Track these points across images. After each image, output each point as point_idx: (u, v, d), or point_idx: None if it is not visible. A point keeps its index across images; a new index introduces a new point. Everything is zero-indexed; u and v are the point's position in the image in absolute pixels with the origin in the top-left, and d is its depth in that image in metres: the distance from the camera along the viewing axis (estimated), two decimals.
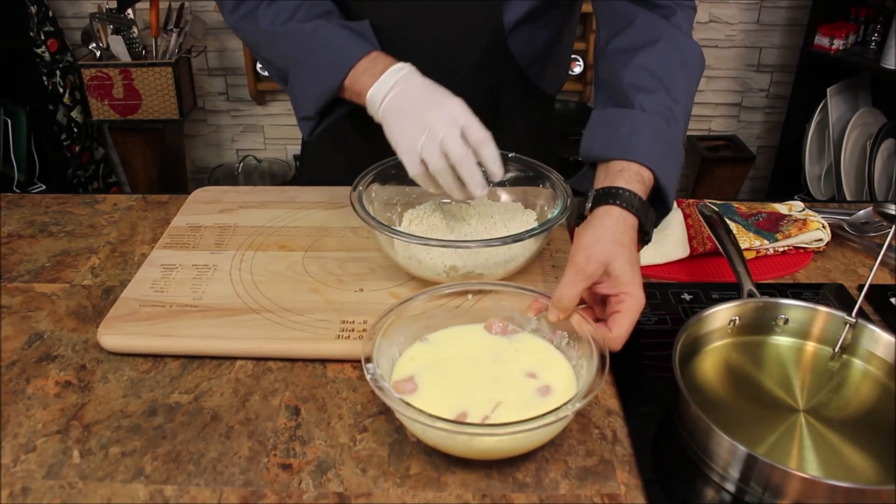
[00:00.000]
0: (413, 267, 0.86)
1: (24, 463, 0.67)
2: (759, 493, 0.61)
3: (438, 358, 0.75)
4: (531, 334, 0.78)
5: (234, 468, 0.66)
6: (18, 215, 1.11)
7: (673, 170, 0.82)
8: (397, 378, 0.71)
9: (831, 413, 0.68)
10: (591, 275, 0.73)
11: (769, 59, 2.91)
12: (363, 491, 0.64)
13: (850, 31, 2.55)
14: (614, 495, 0.63)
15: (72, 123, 2.78)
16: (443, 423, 0.62)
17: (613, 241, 0.74)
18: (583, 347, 0.72)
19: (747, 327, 0.78)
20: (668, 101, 0.84)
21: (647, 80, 0.85)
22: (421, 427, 0.64)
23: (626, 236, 0.75)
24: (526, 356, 0.75)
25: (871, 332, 0.74)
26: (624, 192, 0.77)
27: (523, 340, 0.77)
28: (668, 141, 0.82)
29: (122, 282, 0.93)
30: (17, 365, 0.79)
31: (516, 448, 0.66)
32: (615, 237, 0.74)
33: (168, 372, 0.78)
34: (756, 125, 3.06)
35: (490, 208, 0.98)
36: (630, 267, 0.73)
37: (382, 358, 0.70)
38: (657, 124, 0.82)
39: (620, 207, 0.76)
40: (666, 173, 0.80)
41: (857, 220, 1.04)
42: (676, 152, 0.83)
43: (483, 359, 0.75)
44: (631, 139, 0.81)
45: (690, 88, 0.91)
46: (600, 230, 0.75)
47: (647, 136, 0.81)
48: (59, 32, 2.71)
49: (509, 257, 0.84)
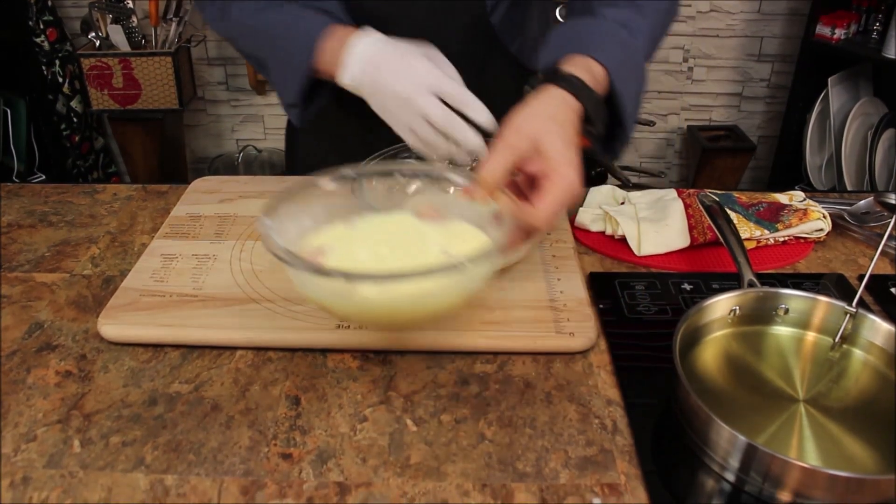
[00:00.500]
0: None
1: (25, 452, 0.67)
2: (758, 483, 0.61)
3: (355, 236, 0.72)
4: (462, 220, 0.73)
5: (235, 458, 0.66)
6: (18, 205, 1.11)
7: (631, 78, 0.78)
8: (306, 248, 0.67)
9: (831, 403, 0.68)
10: (517, 148, 0.68)
11: (770, 49, 2.90)
12: (363, 480, 0.64)
13: (852, 21, 2.54)
14: (614, 485, 0.64)
15: (71, 113, 2.77)
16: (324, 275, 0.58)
17: (547, 117, 0.69)
18: (505, 227, 0.67)
19: (748, 317, 0.78)
20: (633, 16, 0.81)
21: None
22: (308, 281, 0.60)
23: (563, 115, 0.70)
24: (449, 238, 0.71)
25: (871, 322, 0.74)
26: (568, 76, 0.72)
27: (452, 226, 0.74)
28: (628, 47, 0.79)
29: (122, 271, 0.93)
30: (18, 355, 0.79)
31: (412, 310, 0.61)
32: (550, 113, 0.70)
33: (168, 362, 0.78)
34: (757, 115, 3.05)
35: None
36: (562, 145, 0.68)
37: (290, 222, 0.67)
38: (617, 30, 0.79)
39: (561, 88, 0.72)
40: (622, 78, 0.76)
41: (857, 210, 1.04)
42: (637, 65, 0.80)
43: (402, 239, 0.71)
44: (585, 36, 0.78)
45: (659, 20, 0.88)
46: (536, 106, 0.71)
47: (604, 36, 0.78)
48: (58, 22, 2.70)
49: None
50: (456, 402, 0.72)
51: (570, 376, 0.76)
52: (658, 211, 1.00)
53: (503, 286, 0.86)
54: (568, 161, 0.67)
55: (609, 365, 0.78)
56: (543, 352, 0.78)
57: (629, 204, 1.04)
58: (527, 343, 0.78)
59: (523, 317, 0.81)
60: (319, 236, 0.71)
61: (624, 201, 1.07)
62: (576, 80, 0.73)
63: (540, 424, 0.70)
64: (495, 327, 0.80)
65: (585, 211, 1.02)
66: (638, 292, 0.88)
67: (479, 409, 0.72)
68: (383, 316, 0.63)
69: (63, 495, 0.63)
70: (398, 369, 0.77)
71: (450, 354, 0.79)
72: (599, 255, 0.97)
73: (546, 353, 0.78)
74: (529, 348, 0.78)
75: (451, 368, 0.77)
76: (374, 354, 0.79)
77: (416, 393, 0.74)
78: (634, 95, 0.80)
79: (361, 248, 0.71)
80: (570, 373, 0.76)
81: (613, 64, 0.76)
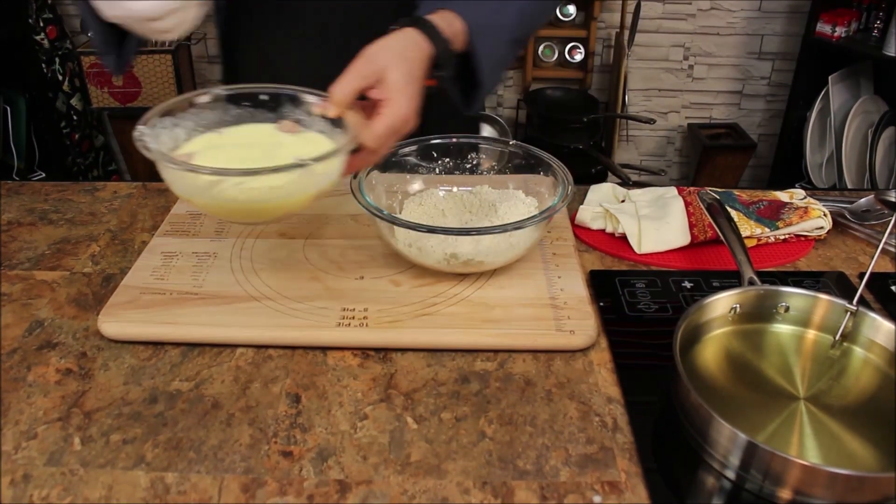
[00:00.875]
0: (413, 255, 0.86)
1: (26, 450, 0.67)
2: (759, 481, 0.61)
3: (222, 144, 0.82)
4: (316, 132, 0.84)
5: (235, 455, 0.66)
6: (18, 203, 1.10)
7: (490, 43, 0.85)
8: (179, 154, 0.78)
9: (832, 401, 0.68)
10: (366, 76, 0.75)
11: (771, 47, 2.90)
12: (364, 478, 0.64)
13: (853, 19, 2.54)
14: (615, 483, 0.64)
15: (71, 111, 2.77)
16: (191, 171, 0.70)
17: (397, 53, 0.76)
18: None
19: (748, 315, 0.78)
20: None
21: None
22: (178, 177, 0.73)
23: (413, 54, 0.77)
24: (304, 146, 0.82)
25: (871, 320, 0.74)
26: (425, 21, 0.80)
27: (307, 137, 0.84)
28: (495, 14, 0.86)
29: (122, 269, 0.93)
30: (18, 352, 0.79)
31: (266, 203, 0.75)
32: (400, 51, 0.77)
33: (168, 359, 0.78)
34: (757, 113, 3.05)
35: (491, 196, 0.98)
36: (404, 79, 0.75)
37: (164, 134, 0.79)
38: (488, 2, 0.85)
39: (416, 30, 0.79)
40: (480, 39, 0.84)
41: (858, 208, 1.04)
42: (499, 31, 0.87)
43: (263, 147, 0.83)
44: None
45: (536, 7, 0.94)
46: (389, 41, 0.78)
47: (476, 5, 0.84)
48: (58, 19, 2.70)
49: (510, 245, 0.84)
50: (456, 400, 0.72)
51: (570, 374, 0.76)
52: (658, 209, 1.00)
53: (503, 284, 0.86)
54: (406, 94, 0.75)
55: (609, 363, 0.78)
56: (544, 349, 0.78)
57: (630, 202, 1.04)
58: (527, 341, 0.78)
59: (524, 314, 0.81)
60: (191, 144, 0.82)
61: (624, 199, 1.07)
62: (432, 26, 0.80)
63: (540, 422, 0.70)
64: (496, 325, 0.80)
65: (586, 209, 1.02)
66: (638, 290, 0.88)
67: (479, 407, 0.72)
68: (241, 209, 0.75)
69: (63, 493, 0.63)
70: (398, 367, 0.77)
71: (450, 352, 0.79)
72: (600, 253, 0.97)
73: (546, 350, 0.78)
74: (530, 346, 0.78)
75: (452, 366, 0.77)
76: (375, 352, 0.79)
77: (417, 391, 0.74)
78: (493, 58, 0.86)
79: (225, 153, 0.82)
80: (571, 370, 0.76)
81: (474, 24, 0.84)
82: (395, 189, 0.98)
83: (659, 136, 3.11)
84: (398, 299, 0.84)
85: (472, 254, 0.84)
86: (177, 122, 0.81)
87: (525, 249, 0.87)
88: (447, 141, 1.00)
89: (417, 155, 1.00)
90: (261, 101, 0.86)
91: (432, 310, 0.82)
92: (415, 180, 1.00)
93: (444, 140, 1.00)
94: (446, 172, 1.02)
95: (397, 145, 0.89)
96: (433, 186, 1.00)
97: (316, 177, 0.76)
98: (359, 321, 0.80)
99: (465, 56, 0.85)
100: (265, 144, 0.84)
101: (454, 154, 1.02)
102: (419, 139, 0.98)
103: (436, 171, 1.01)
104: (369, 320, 0.80)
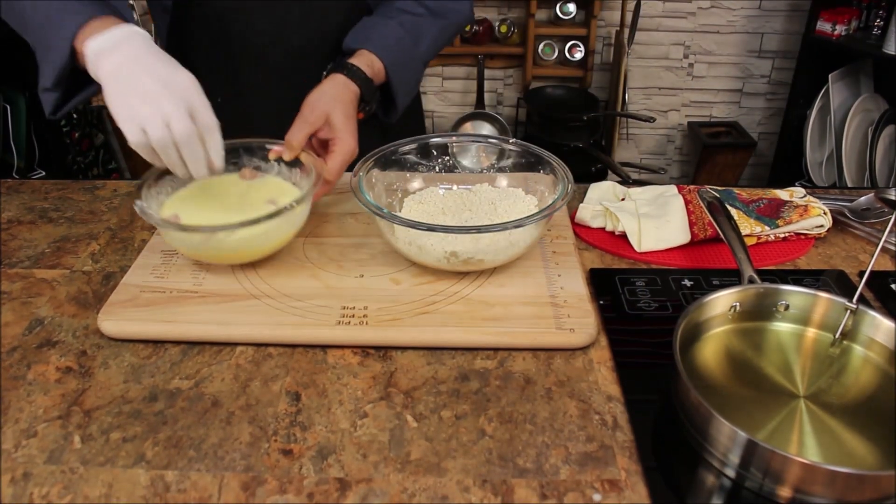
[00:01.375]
0: (413, 253, 0.86)
1: (26, 448, 0.67)
2: (759, 479, 0.61)
3: (197, 197, 0.93)
4: (275, 176, 0.97)
5: (235, 453, 0.66)
6: (18, 201, 1.10)
7: (404, 72, 1.04)
8: (164, 215, 0.88)
9: (831, 399, 0.68)
10: (313, 122, 0.91)
11: (771, 45, 2.90)
12: (364, 476, 0.64)
13: (853, 17, 2.54)
14: (615, 481, 0.64)
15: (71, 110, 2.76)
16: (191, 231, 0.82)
17: (334, 98, 0.93)
18: (310, 179, 0.90)
19: (748, 313, 0.78)
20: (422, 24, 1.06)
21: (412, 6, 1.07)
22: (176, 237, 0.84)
23: (346, 96, 0.94)
24: (269, 191, 0.94)
25: (871, 319, 0.74)
26: (351, 66, 0.97)
27: (268, 181, 0.97)
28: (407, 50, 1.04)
29: (122, 268, 0.93)
30: (18, 351, 0.79)
31: (259, 245, 0.86)
32: (335, 95, 0.93)
33: (168, 358, 0.78)
34: (757, 111, 3.05)
35: (491, 194, 0.97)
36: (345, 119, 0.92)
37: (152, 200, 0.89)
38: (403, 35, 1.04)
39: (345, 76, 0.96)
40: (396, 72, 1.02)
41: (858, 207, 1.04)
42: (412, 62, 1.06)
43: (234, 195, 0.94)
44: (375, 37, 1.02)
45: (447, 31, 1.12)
46: (324, 88, 0.94)
47: (390, 39, 1.02)
48: None
49: (510, 243, 0.84)
50: (456, 398, 0.72)
51: (570, 372, 0.76)
52: (658, 207, 1.00)
53: (503, 282, 0.86)
54: (348, 131, 0.92)
55: (609, 361, 0.78)
56: (544, 348, 0.78)
57: (629, 200, 1.04)
58: (527, 339, 0.78)
59: (524, 313, 0.81)
60: (171, 204, 0.92)
61: (624, 197, 1.07)
62: (358, 70, 0.97)
63: (540, 420, 0.70)
64: (495, 323, 0.80)
65: (586, 207, 1.02)
66: (638, 288, 0.88)
67: (479, 405, 0.72)
68: (235, 254, 0.86)
69: (64, 491, 0.63)
70: (398, 365, 0.77)
71: (450, 350, 0.79)
72: (600, 252, 0.97)
73: (546, 349, 0.78)
74: (530, 344, 0.78)
75: (452, 364, 0.77)
76: (375, 350, 0.79)
77: (417, 389, 0.74)
78: (406, 84, 1.05)
79: (203, 207, 0.92)
80: (571, 369, 0.76)
81: (391, 63, 1.02)
82: (394, 187, 0.98)
83: (659, 134, 3.11)
84: (398, 297, 0.84)
85: (472, 252, 0.84)
86: (156, 188, 0.91)
87: (525, 248, 0.87)
88: (445, 140, 1.01)
89: (418, 153, 1.00)
90: None
91: (432, 308, 0.82)
92: (414, 178, 1.00)
93: (443, 138, 1.01)
94: (446, 171, 1.02)
95: (396, 143, 0.94)
96: (433, 184, 1.00)
97: (295, 216, 0.87)
98: (359, 319, 0.80)
99: (384, 85, 1.04)
100: (236, 193, 0.94)
101: (458, 154, 1.02)
102: (418, 137, 0.99)
103: (436, 169, 1.01)
104: (369, 318, 0.80)
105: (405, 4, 1.07)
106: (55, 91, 0.87)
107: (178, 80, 0.78)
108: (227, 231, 0.81)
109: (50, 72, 0.84)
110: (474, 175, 1.02)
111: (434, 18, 1.08)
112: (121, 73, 0.78)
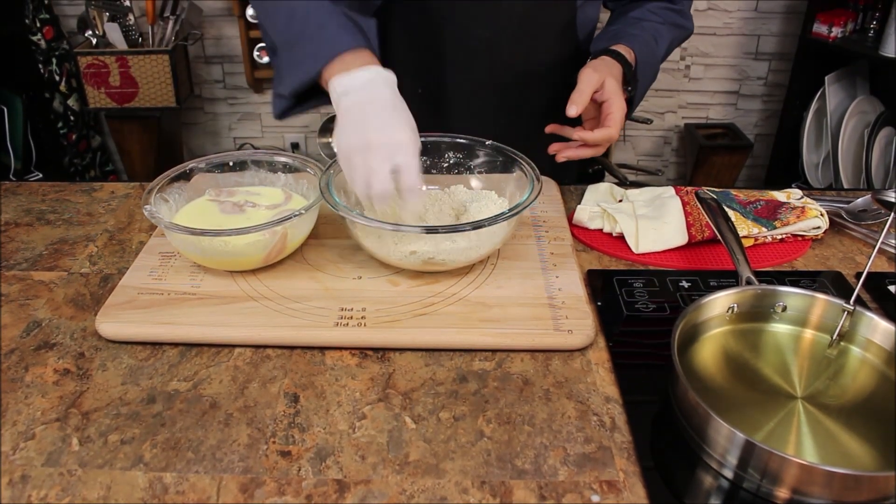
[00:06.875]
0: (375, 251, 0.86)
1: (24, 450, 0.67)
2: (756, 480, 0.62)
3: (196, 211, 0.95)
4: (279, 188, 1.00)
5: (234, 455, 0.66)
6: (15, 203, 1.10)
7: (647, 73, 1.11)
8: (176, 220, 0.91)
9: (829, 400, 0.69)
10: (594, 84, 0.99)
11: (767, 47, 2.90)
12: (362, 478, 0.64)
13: (849, 19, 2.54)
14: (613, 482, 0.64)
15: (68, 111, 2.76)
16: (198, 235, 0.84)
17: (606, 70, 1.02)
18: (315, 189, 0.92)
19: (745, 315, 0.78)
20: (662, 28, 1.14)
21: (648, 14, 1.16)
22: (183, 241, 0.85)
23: (615, 71, 1.03)
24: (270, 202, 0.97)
25: (868, 320, 0.74)
26: (615, 51, 1.07)
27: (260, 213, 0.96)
28: (652, 51, 1.11)
29: (119, 269, 0.93)
30: (16, 353, 0.79)
31: (255, 253, 0.87)
32: (606, 69, 1.02)
33: (166, 359, 0.78)
34: (754, 113, 3.05)
35: (463, 195, 0.97)
36: (616, 86, 1.01)
37: (162, 207, 0.91)
38: (649, 38, 1.12)
39: (611, 57, 1.05)
40: (642, 70, 1.09)
41: (855, 208, 1.04)
42: (654, 64, 1.13)
43: None
44: (626, 37, 1.10)
45: (678, 35, 1.19)
46: (599, 63, 1.03)
47: (640, 38, 1.10)
48: (54, 19, 2.69)
49: (470, 245, 0.84)
50: (454, 400, 0.73)
51: (568, 373, 0.76)
52: (656, 208, 1.01)
53: (501, 283, 0.86)
54: (619, 95, 1.00)
55: (607, 362, 0.78)
56: (542, 349, 0.79)
57: (627, 201, 1.05)
58: (525, 340, 0.78)
59: (522, 314, 0.81)
60: (179, 215, 0.94)
61: (622, 199, 1.07)
62: (619, 54, 1.06)
63: (538, 422, 0.70)
64: (494, 324, 0.80)
65: (583, 208, 1.02)
66: (636, 289, 0.88)
67: (477, 407, 0.72)
68: (234, 259, 0.87)
69: (62, 493, 0.63)
70: (397, 367, 0.77)
71: (448, 352, 0.79)
72: (598, 253, 0.98)
73: (544, 350, 0.79)
74: (528, 345, 0.78)
75: (450, 366, 0.77)
76: (373, 352, 0.79)
77: (415, 390, 0.74)
78: (646, 81, 1.12)
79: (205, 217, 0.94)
80: (569, 370, 0.76)
81: (641, 58, 1.08)
82: None
83: (656, 136, 3.11)
84: (396, 299, 0.84)
85: (433, 252, 0.84)
86: (163, 196, 0.93)
87: (488, 251, 0.86)
88: (423, 139, 1.00)
89: None
90: (230, 167, 1.00)
91: (430, 309, 0.82)
92: None
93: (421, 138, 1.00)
94: (423, 171, 1.01)
95: None
96: None
97: (304, 223, 0.90)
98: (357, 321, 0.80)
99: None
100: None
101: (432, 153, 1.01)
102: None
103: None
104: (367, 320, 0.80)
105: (643, 14, 1.16)
106: (288, 100, 0.96)
107: (396, 137, 0.81)
108: (240, 235, 0.83)
109: (290, 83, 0.92)
110: (450, 177, 1.02)
111: (670, 27, 1.16)
112: (351, 115, 0.83)
